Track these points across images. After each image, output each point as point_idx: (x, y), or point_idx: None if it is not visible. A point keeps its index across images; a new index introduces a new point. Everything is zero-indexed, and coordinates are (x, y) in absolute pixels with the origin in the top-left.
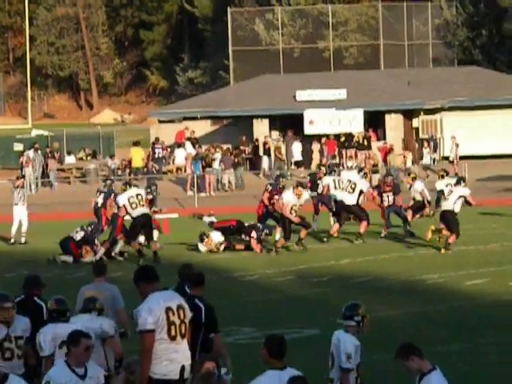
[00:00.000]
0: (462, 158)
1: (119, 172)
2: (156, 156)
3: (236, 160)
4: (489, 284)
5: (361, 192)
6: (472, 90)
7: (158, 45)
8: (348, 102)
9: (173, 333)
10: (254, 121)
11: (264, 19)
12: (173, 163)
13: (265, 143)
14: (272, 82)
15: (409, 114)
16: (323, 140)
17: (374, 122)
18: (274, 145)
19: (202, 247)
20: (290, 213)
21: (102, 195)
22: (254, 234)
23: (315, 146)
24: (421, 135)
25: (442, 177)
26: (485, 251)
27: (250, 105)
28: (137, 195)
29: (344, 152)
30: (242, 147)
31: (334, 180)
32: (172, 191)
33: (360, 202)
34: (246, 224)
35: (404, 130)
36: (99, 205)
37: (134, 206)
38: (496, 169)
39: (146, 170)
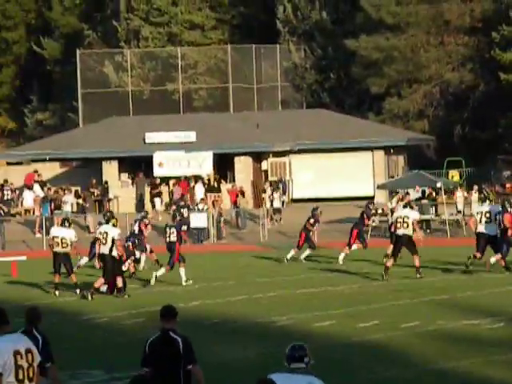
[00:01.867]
0: (311, 200)
1: None
2: (5, 198)
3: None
4: (336, 326)
5: None
6: (320, 132)
7: (6, 86)
8: (197, 145)
9: (20, 376)
10: (104, 163)
11: (113, 61)
12: (21, 205)
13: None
14: (121, 124)
15: (258, 157)
16: (172, 182)
17: (224, 164)
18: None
19: None
20: None
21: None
22: None
23: (164, 189)
24: (270, 178)
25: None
26: (333, 293)
27: (99, 147)
28: None
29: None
30: (91, 189)
31: None
32: (20, 233)
33: None
34: None
35: (253, 172)
36: None
37: None
38: (345, 211)
39: None
